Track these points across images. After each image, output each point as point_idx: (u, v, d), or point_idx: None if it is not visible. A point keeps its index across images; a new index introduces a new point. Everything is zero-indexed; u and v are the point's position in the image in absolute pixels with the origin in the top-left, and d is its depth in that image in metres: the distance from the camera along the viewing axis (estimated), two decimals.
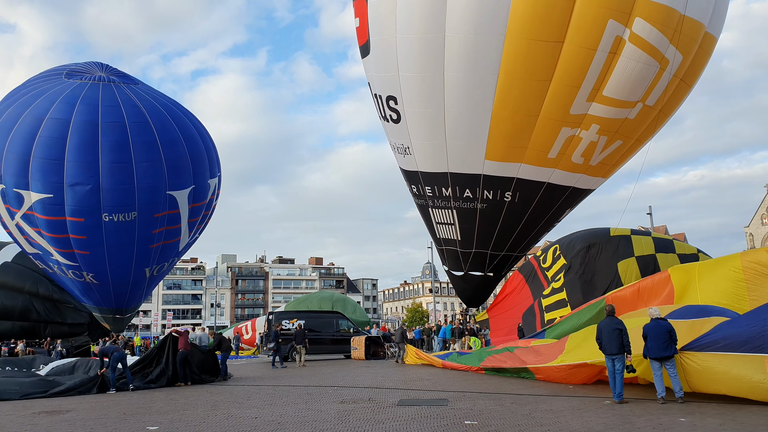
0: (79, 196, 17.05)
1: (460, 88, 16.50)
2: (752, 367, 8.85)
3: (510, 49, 15.59)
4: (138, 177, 17.78)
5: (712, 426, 7.57)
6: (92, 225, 17.41)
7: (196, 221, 20.70)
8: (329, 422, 8.37)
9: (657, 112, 17.03)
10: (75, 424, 8.85)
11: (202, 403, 10.79)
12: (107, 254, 18.03)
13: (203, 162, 20.00)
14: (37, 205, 16.90)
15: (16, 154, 16.89)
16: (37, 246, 18.53)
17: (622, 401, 9.40)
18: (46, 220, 17.16)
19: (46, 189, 16.82)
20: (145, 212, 18.06)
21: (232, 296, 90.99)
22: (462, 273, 20.34)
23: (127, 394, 12.76)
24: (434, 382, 13.49)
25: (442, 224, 19.60)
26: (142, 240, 18.50)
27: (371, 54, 18.40)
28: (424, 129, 17.86)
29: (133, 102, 18.67)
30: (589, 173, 18.09)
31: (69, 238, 17.50)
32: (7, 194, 17.25)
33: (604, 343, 9.80)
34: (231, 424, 8.41)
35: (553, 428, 7.62)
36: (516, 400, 10.21)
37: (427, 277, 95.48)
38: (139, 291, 20.62)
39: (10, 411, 10.32)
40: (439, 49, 16.18)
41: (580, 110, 16.25)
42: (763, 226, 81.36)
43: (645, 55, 15.50)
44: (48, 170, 16.86)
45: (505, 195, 17.99)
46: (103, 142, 17.30)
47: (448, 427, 7.80)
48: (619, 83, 15.83)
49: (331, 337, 24.89)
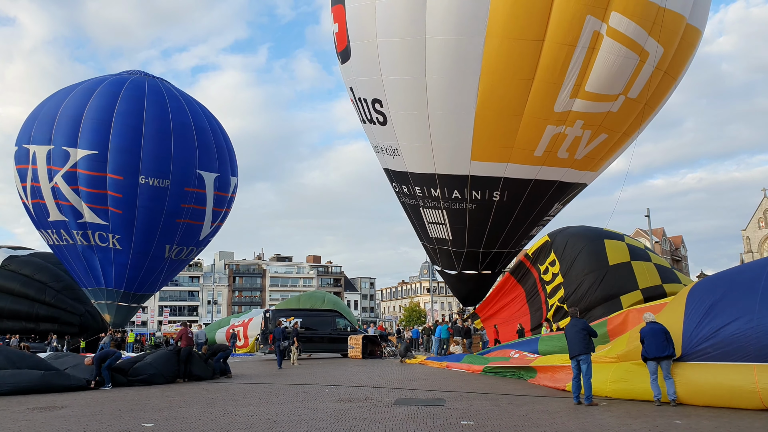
0: (121, 156, 19.27)
1: (443, 90, 16.60)
2: (741, 376, 8.79)
3: (491, 50, 15.67)
4: (174, 149, 20.06)
5: (707, 429, 7.56)
6: (129, 185, 19.40)
7: (219, 213, 22.21)
8: (325, 421, 8.35)
9: (642, 105, 17.04)
10: (69, 420, 8.81)
11: (198, 401, 10.76)
12: (137, 216, 19.64)
13: (225, 156, 22.17)
14: (82, 161, 19.08)
15: (68, 117, 19.30)
16: (65, 210, 19.46)
17: (592, 404, 9.36)
18: (88, 175, 19.21)
19: (93, 146, 19.08)
20: (177, 183, 20.19)
21: (229, 293, 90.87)
22: (456, 272, 20.31)
23: (123, 390, 12.72)
24: (431, 382, 13.47)
25: (434, 224, 19.64)
26: (171, 211, 20.20)
27: (352, 58, 18.51)
28: (410, 131, 17.98)
29: (171, 92, 21.57)
30: (575, 167, 18.10)
31: (107, 194, 19.32)
32: (53, 154, 19.20)
33: (569, 345, 9.83)
34: (227, 422, 8.38)
35: (549, 429, 7.61)
36: (512, 400, 10.20)
37: (424, 276, 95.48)
38: (153, 274, 21.18)
39: (4, 407, 10.27)
40: (420, 52, 16.29)
41: (564, 107, 16.37)
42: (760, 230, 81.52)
43: (623, 48, 15.65)
44: (96, 129, 19.16)
45: (494, 195, 18.06)
46: (147, 113, 19.80)
47: (445, 428, 7.77)
48: (599, 77, 15.96)
49: (328, 336, 24.85)
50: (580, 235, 19.39)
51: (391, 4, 16.47)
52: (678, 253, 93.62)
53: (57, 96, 20.73)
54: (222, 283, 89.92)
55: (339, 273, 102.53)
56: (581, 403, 9.45)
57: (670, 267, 19.72)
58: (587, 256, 18.42)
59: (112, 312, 21.21)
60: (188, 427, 8.03)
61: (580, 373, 9.66)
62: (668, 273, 18.56)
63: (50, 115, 19.78)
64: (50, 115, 19.73)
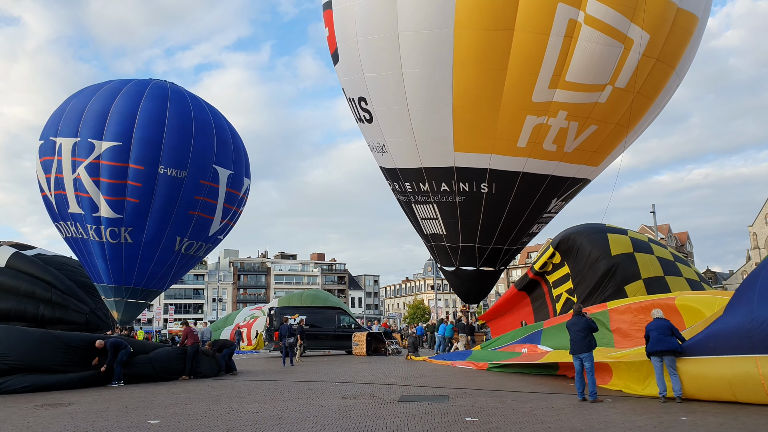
0: (144, 146, 20.27)
1: (419, 84, 16.84)
2: (745, 367, 8.79)
3: (460, 41, 15.79)
4: (194, 142, 21.14)
5: (713, 425, 7.55)
6: (149, 174, 20.37)
7: (229, 211, 22.93)
8: (330, 417, 8.38)
9: (634, 95, 16.73)
10: (77, 416, 8.88)
11: (204, 398, 10.82)
12: (153, 205, 20.57)
13: (240, 157, 23.19)
14: (106, 152, 20.08)
15: (95, 111, 20.40)
16: (83, 202, 20.32)
17: (596, 400, 9.38)
18: (111, 165, 20.20)
19: (118, 138, 20.10)
20: (194, 174, 21.08)
21: (233, 291, 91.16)
22: (453, 268, 20.28)
23: (129, 387, 12.80)
24: (435, 379, 13.50)
25: (427, 219, 19.72)
26: (185, 202, 21.08)
27: (340, 60, 19.03)
28: (393, 127, 18.24)
29: (192, 94, 23.09)
30: (567, 160, 17.88)
31: (126, 184, 20.27)
32: (78, 146, 20.27)
33: (572, 343, 9.83)
34: (232, 419, 8.43)
35: (554, 426, 7.61)
36: (517, 397, 10.21)
37: (428, 273, 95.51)
38: (162, 267, 21.70)
39: (12, 403, 10.36)
40: (394, 48, 16.61)
41: (543, 98, 16.23)
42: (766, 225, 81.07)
43: (604, 36, 15.42)
44: (122, 123, 20.24)
45: (482, 186, 18.03)
46: (170, 109, 21.07)
47: (449, 424, 7.79)
48: (581, 67, 15.74)
49: (333, 333, 24.91)
50: (581, 231, 19.30)
51: (368, 3, 16.89)
52: (684, 249, 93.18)
53: (84, 93, 21.63)
54: (227, 281, 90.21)
55: (343, 270, 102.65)
56: (586, 400, 9.46)
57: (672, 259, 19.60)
58: (591, 246, 18.37)
59: (120, 309, 21.40)
60: (194, 424, 8.08)
61: (583, 369, 9.67)
62: (670, 266, 18.60)
63: (77, 109, 20.72)
64: (77, 110, 20.68)
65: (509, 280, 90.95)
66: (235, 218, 24.11)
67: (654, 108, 18.24)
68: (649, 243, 19.31)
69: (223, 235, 23.96)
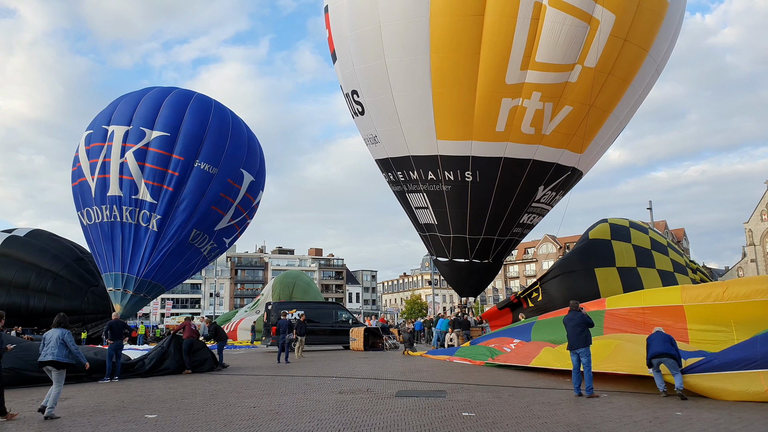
0: (188, 139, 22.19)
1: (400, 72, 17.52)
2: (749, 382, 8.99)
3: (436, 28, 16.50)
4: (229, 144, 23.11)
5: (708, 420, 7.59)
6: (188, 165, 22.17)
7: (240, 213, 24.12)
8: (327, 412, 8.40)
9: (606, 75, 16.97)
10: (74, 411, 8.88)
11: (201, 392, 10.82)
12: (185, 194, 22.24)
13: (262, 170, 25.32)
14: (155, 140, 21.98)
15: (149, 104, 22.67)
16: (125, 184, 21.91)
17: (593, 395, 9.44)
18: (158, 153, 22.08)
19: (167, 129, 22.17)
20: (223, 172, 22.79)
21: (231, 286, 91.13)
22: (447, 259, 20.37)
23: (126, 382, 12.80)
24: (432, 374, 13.53)
25: (420, 209, 20.06)
26: (210, 198, 22.55)
27: (337, 58, 19.86)
28: (382, 116, 18.85)
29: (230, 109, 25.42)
30: (546, 143, 17.94)
31: (166, 172, 22.03)
32: (130, 133, 22.14)
33: (569, 338, 9.87)
34: (229, 413, 8.44)
35: (550, 421, 7.64)
36: (514, 392, 10.24)
37: (426, 269, 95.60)
38: (174, 262, 22.55)
39: (8, 399, 10.32)
40: (377, 38, 17.46)
41: (516, 79, 16.65)
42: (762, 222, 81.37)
43: (570, 17, 15.99)
44: (172, 116, 22.44)
45: (466, 175, 18.27)
46: (213, 113, 23.29)
47: (446, 419, 7.82)
48: (549, 47, 16.25)
49: (330, 328, 24.93)
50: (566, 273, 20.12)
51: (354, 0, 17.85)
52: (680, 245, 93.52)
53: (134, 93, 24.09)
54: (224, 276, 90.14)
55: (341, 266, 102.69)
56: (582, 395, 9.49)
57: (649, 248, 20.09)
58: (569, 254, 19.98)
59: (123, 301, 21.59)
60: (191, 419, 8.09)
61: (579, 365, 9.71)
62: (645, 255, 19.30)
63: (132, 103, 22.89)
64: (131, 103, 22.86)
65: (506, 275, 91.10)
66: (243, 225, 25.17)
67: (632, 92, 18.16)
68: (629, 228, 20.04)
69: (228, 238, 24.72)
